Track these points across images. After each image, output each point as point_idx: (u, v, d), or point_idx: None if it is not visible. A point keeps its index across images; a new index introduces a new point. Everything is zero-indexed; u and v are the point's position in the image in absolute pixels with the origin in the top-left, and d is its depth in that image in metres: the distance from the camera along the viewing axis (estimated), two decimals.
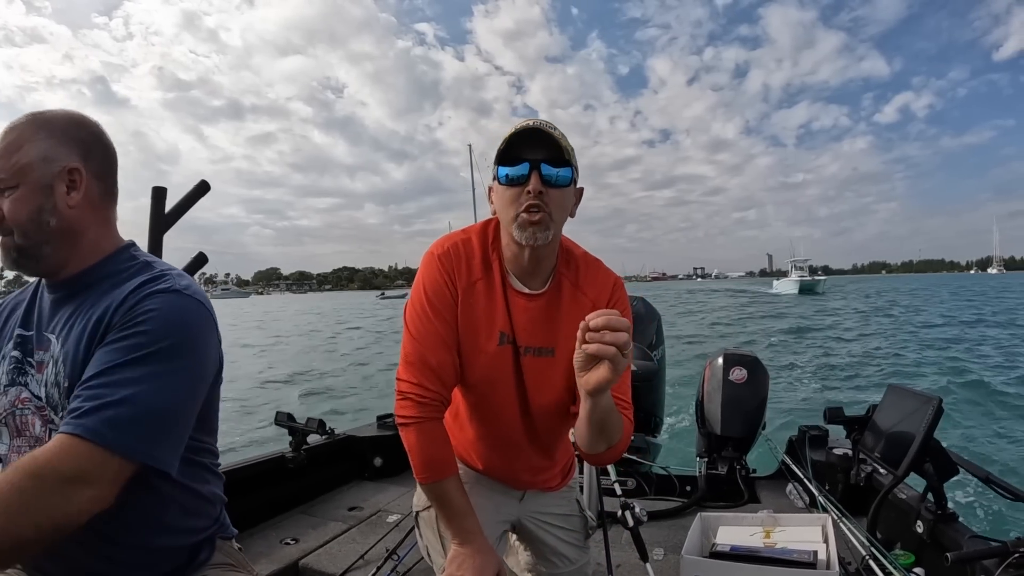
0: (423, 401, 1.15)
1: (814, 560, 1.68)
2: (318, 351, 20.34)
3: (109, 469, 0.84)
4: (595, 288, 1.24)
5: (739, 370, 3.13)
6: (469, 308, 1.18)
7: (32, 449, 0.96)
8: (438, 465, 1.18)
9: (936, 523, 1.95)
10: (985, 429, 7.50)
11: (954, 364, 12.44)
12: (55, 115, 1.00)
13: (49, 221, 0.96)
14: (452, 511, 1.18)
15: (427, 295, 1.18)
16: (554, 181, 1.11)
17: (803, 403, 9.07)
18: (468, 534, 1.17)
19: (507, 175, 1.12)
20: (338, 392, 12.17)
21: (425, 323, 1.17)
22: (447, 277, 1.18)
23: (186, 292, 0.97)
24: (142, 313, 0.91)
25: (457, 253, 1.19)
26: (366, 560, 2.29)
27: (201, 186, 2.03)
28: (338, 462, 3.29)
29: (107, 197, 1.05)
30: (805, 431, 3.05)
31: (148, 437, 0.88)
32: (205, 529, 1.08)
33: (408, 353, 1.18)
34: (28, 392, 0.98)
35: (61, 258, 1.00)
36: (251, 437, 7.88)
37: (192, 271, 1.93)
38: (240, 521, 1.20)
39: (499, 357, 1.20)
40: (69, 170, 0.98)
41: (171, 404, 0.92)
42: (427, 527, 1.34)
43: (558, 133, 1.12)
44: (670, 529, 2.64)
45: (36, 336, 1.01)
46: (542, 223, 1.10)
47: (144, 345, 0.89)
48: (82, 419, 0.84)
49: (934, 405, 1.97)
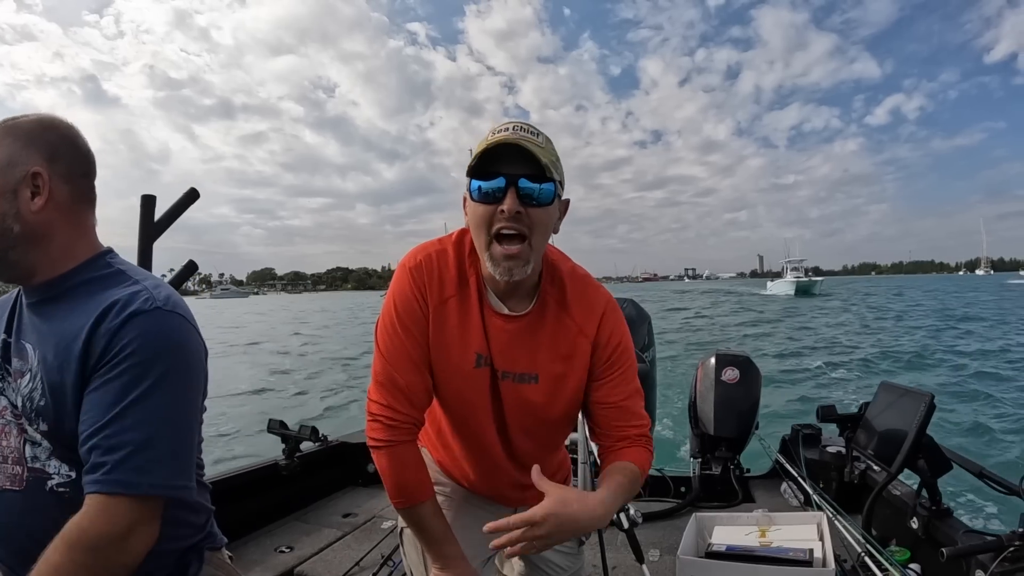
0: (393, 424, 1.08)
1: (810, 558, 1.69)
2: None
3: (149, 511, 0.88)
4: (582, 310, 1.12)
5: (731, 370, 3.14)
6: (441, 326, 1.09)
7: (5, 460, 0.95)
8: (411, 490, 1.11)
9: (931, 519, 1.95)
10: (977, 425, 7.56)
11: (940, 359, 12.64)
12: (25, 120, 0.98)
13: (12, 227, 0.94)
14: (430, 536, 1.13)
15: (397, 311, 1.08)
16: (535, 199, 0.99)
17: (797, 401, 9.11)
18: (448, 559, 1.12)
19: (480, 188, 0.99)
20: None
21: (394, 340, 1.08)
22: (418, 292, 1.08)
23: (167, 308, 0.95)
24: (128, 342, 0.89)
25: (430, 266, 1.09)
26: (361, 567, 2.28)
27: (190, 194, 2.02)
28: (332, 469, 3.27)
29: (79, 200, 1.02)
30: (798, 430, 3.06)
31: (174, 471, 0.90)
32: (189, 537, 1.06)
33: (377, 372, 1.10)
34: (6, 400, 0.96)
35: (29, 264, 0.97)
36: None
37: (182, 280, 1.91)
38: (234, 529, 1.19)
39: (475, 379, 1.11)
40: (32, 174, 0.95)
41: (179, 429, 0.93)
42: (411, 546, 1.29)
43: (541, 140, 1.00)
44: (665, 530, 2.64)
45: (15, 343, 0.99)
46: (520, 257, 0.99)
47: (141, 378, 0.89)
48: (112, 474, 0.85)
49: (926, 402, 1.98)
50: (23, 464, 0.94)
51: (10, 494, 0.94)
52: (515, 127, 1.00)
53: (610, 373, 1.15)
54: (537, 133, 1.01)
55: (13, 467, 0.95)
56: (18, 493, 0.94)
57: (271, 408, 9.75)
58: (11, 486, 0.94)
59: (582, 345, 1.13)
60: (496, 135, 0.99)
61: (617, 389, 1.15)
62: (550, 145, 1.03)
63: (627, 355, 1.17)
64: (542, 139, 1.01)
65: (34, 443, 0.94)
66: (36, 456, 0.94)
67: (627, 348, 1.17)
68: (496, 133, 1.00)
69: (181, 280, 1.92)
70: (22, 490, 0.94)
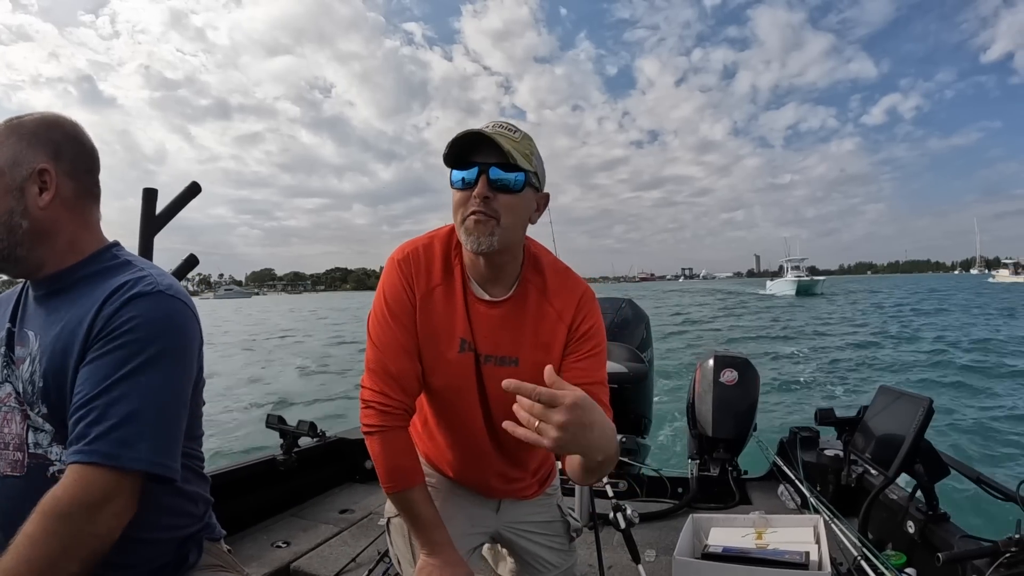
0: (386, 410, 1.14)
1: (806, 561, 1.69)
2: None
3: (127, 485, 0.88)
4: (561, 298, 1.20)
5: (730, 372, 3.14)
6: (428, 314, 1.17)
7: (7, 447, 0.96)
8: (402, 474, 1.16)
9: (927, 523, 1.96)
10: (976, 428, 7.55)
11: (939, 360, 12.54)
12: (29, 118, 1.00)
13: (20, 224, 0.96)
14: (420, 521, 1.16)
15: (387, 301, 1.16)
16: (503, 185, 1.08)
17: (795, 404, 9.11)
18: (436, 545, 1.16)
19: (458, 178, 1.10)
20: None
21: (385, 330, 1.15)
22: (406, 283, 1.16)
23: (169, 292, 0.97)
24: (127, 320, 0.91)
25: (417, 258, 1.18)
26: (358, 563, 2.28)
27: (192, 187, 2.02)
28: (329, 464, 3.27)
29: (84, 196, 1.04)
30: (796, 432, 3.06)
31: (156, 448, 0.90)
32: (188, 527, 1.07)
33: (370, 360, 1.16)
34: (10, 387, 0.98)
35: (37, 259, 0.99)
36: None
37: (183, 274, 1.91)
38: (231, 524, 1.19)
39: (460, 365, 1.18)
40: (39, 171, 0.97)
41: (168, 409, 0.94)
42: (398, 534, 1.32)
43: (518, 136, 1.09)
44: (662, 531, 2.64)
45: (17, 332, 1.01)
46: (486, 228, 1.07)
47: (135, 355, 0.90)
48: (92, 444, 0.86)
49: (924, 406, 1.98)
50: (24, 450, 0.95)
51: (11, 480, 0.95)
52: (493, 125, 1.10)
53: (578, 354, 1.18)
54: (515, 130, 1.10)
55: (15, 453, 0.96)
56: (19, 479, 0.95)
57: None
58: (12, 472, 0.95)
59: (560, 332, 1.19)
60: (466, 130, 1.08)
61: (584, 373, 1.16)
62: (527, 141, 1.11)
63: (597, 341, 1.20)
64: (519, 135, 1.10)
65: (37, 429, 0.95)
66: (38, 442, 0.95)
67: (598, 334, 1.20)
68: (465, 130, 1.08)
69: (182, 273, 1.92)
70: (23, 476, 0.95)
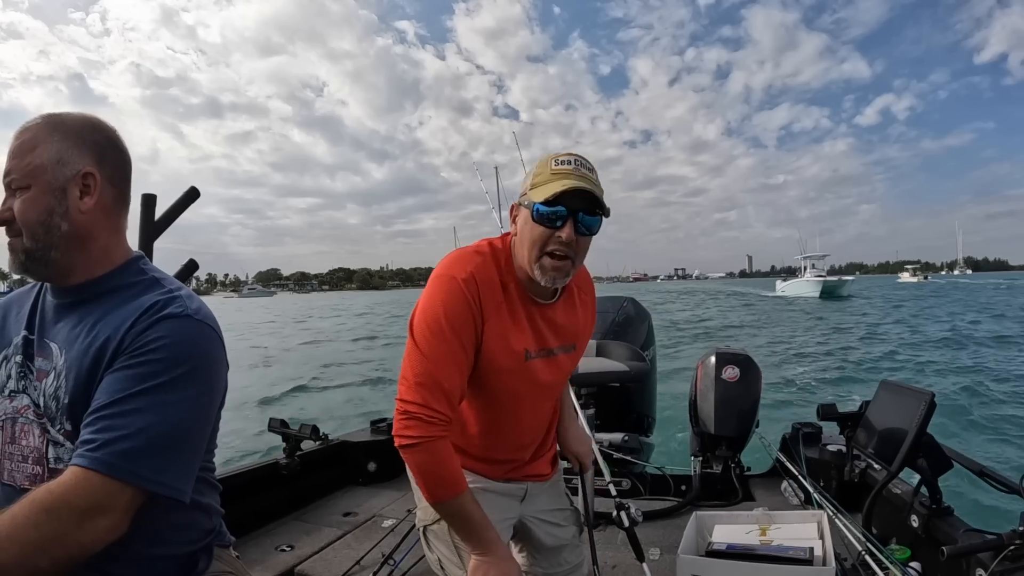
0: (431, 420, 1.11)
1: (810, 557, 1.69)
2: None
3: (122, 499, 0.86)
4: (582, 284, 1.38)
5: (731, 369, 3.14)
6: (496, 331, 1.19)
7: (25, 459, 0.95)
8: (451, 482, 1.15)
9: (931, 517, 1.95)
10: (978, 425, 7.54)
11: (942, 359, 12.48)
12: (71, 117, 0.98)
13: (60, 225, 0.94)
14: (471, 524, 1.16)
15: (448, 319, 1.13)
16: (587, 230, 1.16)
17: (797, 399, 9.10)
18: (489, 543, 1.17)
19: (541, 213, 1.13)
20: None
21: (442, 345, 1.13)
22: (474, 303, 1.15)
23: (197, 317, 0.96)
24: (153, 339, 0.90)
25: (483, 279, 1.18)
26: (362, 566, 2.28)
27: (191, 192, 2.02)
28: (332, 468, 3.27)
29: (120, 204, 1.03)
30: (799, 428, 3.06)
31: (160, 466, 0.88)
32: (201, 539, 1.07)
33: (419, 374, 1.13)
34: (28, 399, 0.96)
35: (69, 264, 0.97)
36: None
37: (183, 278, 1.91)
38: (235, 528, 1.19)
39: (521, 371, 1.24)
40: (84, 174, 0.96)
41: (182, 432, 0.92)
42: (439, 541, 1.31)
43: (595, 176, 1.16)
44: (666, 529, 2.64)
45: (37, 341, 0.99)
46: (564, 269, 1.16)
47: (156, 373, 0.89)
48: (95, 452, 0.85)
49: (926, 400, 1.98)
50: (44, 464, 0.94)
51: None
52: (576, 162, 1.14)
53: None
54: (592, 168, 1.16)
55: (33, 467, 0.95)
56: None
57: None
58: (30, 485, 0.93)
59: (591, 308, 1.41)
60: (559, 167, 1.14)
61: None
62: (596, 174, 1.18)
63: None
64: (595, 173, 1.17)
65: (57, 444, 0.94)
66: (59, 457, 0.94)
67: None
68: (559, 163, 1.14)
69: (182, 278, 1.91)
70: None
